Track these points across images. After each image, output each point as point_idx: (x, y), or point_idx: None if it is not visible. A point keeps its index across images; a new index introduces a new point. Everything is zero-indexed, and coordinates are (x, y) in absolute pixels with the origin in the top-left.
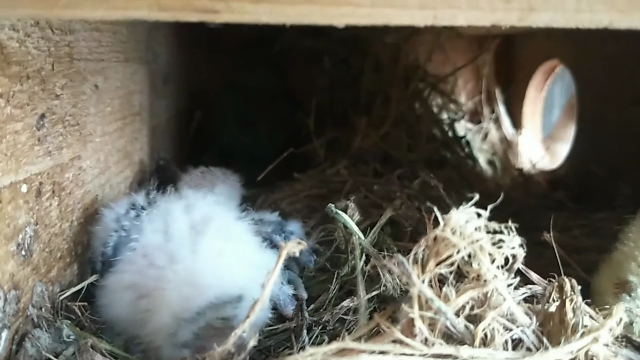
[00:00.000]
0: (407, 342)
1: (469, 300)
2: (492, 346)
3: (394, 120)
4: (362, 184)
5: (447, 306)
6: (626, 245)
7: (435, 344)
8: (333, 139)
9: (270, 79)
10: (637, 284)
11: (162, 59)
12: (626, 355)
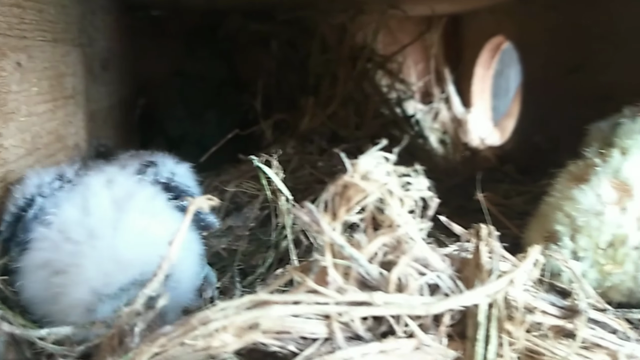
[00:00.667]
0: (321, 291)
1: (382, 246)
2: (407, 292)
3: (341, 100)
4: (307, 161)
5: (359, 253)
6: (552, 196)
7: (348, 291)
8: (281, 120)
9: (217, 65)
10: (564, 233)
11: (100, 44)
12: (548, 299)
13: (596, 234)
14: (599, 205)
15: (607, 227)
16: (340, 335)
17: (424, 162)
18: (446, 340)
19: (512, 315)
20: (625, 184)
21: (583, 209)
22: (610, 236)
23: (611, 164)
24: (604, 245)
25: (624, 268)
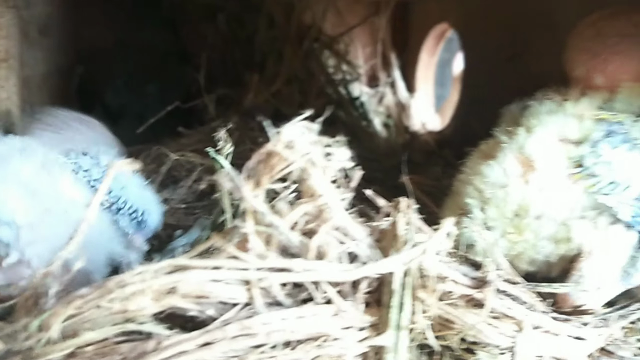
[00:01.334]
0: (241, 256)
1: (304, 215)
2: (327, 259)
3: (286, 78)
4: (249, 137)
5: (280, 220)
6: (464, 173)
7: (269, 257)
8: (226, 96)
9: (161, 36)
10: (474, 205)
11: (38, 8)
12: (460, 269)
13: (503, 205)
14: (504, 178)
15: (512, 198)
16: (260, 300)
17: (365, 144)
18: (363, 306)
19: (425, 284)
20: (528, 158)
21: (490, 182)
22: (516, 206)
23: (517, 140)
24: (510, 215)
25: (524, 237)
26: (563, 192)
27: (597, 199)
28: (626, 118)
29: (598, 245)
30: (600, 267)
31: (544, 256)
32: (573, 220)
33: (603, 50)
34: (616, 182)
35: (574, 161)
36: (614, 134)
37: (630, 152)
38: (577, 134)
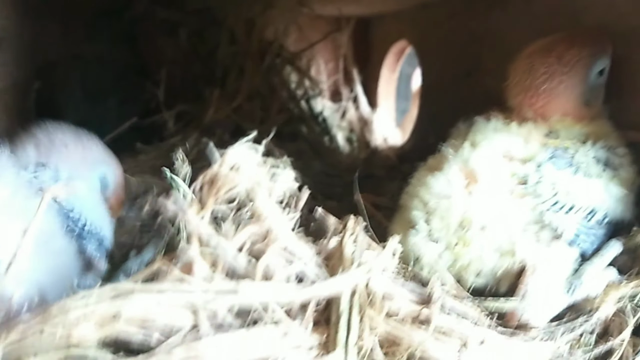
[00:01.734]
0: (187, 280)
1: (251, 236)
2: (274, 280)
3: (248, 93)
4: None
5: (227, 242)
6: (411, 186)
7: (215, 280)
8: (186, 111)
9: (120, 50)
10: (420, 217)
11: None
12: (408, 286)
13: (447, 216)
14: (448, 188)
15: (455, 208)
16: (207, 323)
17: (327, 159)
18: (312, 326)
19: (373, 303)
20: (472, 170)
21: (435, 192)
22: (460, 217)
23: (462, 154)
24: (455, 226)
25: (470, 248)
26: (506, 206)
27: (540, 216)
28: (572, 144)
29: (541, 259)
30: (544, 282)
31: (489, 268)
32: (516, 233)
33: (531, 86)
34: (560, 202)
35: (518, 178)
36: (558, 157)
37: (575, 174)
38: (522, 153)
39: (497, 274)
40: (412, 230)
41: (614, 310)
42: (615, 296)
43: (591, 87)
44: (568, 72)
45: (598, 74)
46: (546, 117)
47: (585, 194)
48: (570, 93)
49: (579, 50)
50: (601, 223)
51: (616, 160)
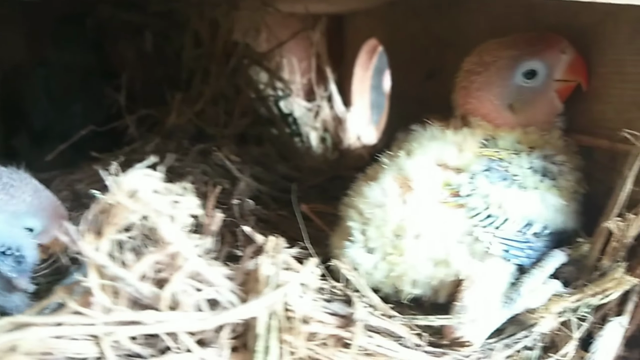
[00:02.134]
0: (85, 311)
1: (155, 264)
2: (182, 308)
3: (213, 96)
4: (163, 161)
5: (126, 272)
6: (348, 196)
7: (115, 311)
8: (150, 116)
9: (85, 56)
10: (356, 228)
11: None
12: (330, 307)
13: (382, 225)
14: (383, 197)
15: (390, 217)
16: (111, 354)
17: (294, 162)
18: (228, 352)
19: (292, 326)
20: (406, 179)
21: (370, 202)
22: (395, 226)
23: (397, 162)
24: (390, 235)
25: (405, 257)
26: (440, 215)
27: (473, 228)
28: (507, 155)
29: (477, 273)
30: (481, 296)
31: (425, 278)
32: (451, 244)
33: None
34: (493, 216)
35: (451, 189)
36: (493, 170)
37: (509, 187)
38: (455, 161)
39: (432, 284)
40: (348, 241)
41: (558, 324)
42: (557, 309)
43: (516, 91)
44: (483, 72)
45: (523, 76)
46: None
47: (519, 206)
48: (487, 94)
49: (497, 51)
50: (540, 235)
51: (554, 169)
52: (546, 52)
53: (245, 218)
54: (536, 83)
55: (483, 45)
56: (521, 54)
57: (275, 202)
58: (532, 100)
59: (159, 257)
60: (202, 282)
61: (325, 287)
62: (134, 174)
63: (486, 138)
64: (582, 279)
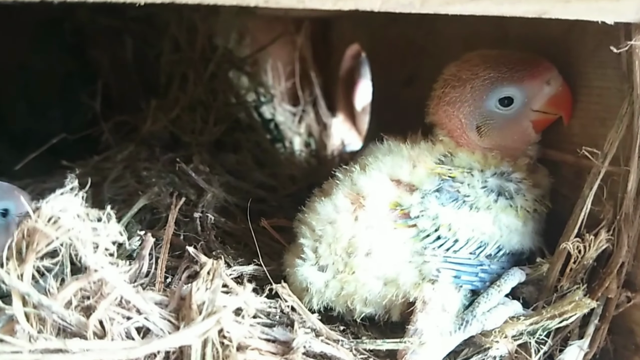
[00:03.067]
0: (9, 340)
1: (79, 291)
2: (109, 336)
3: (189, 103)
4: (133, 170)
5: (51, 299)
6: (302, 212)
7: (39, 339)
8: (126, 122)
9: (64, 60)
10: (307, 245)
11: None
12: (271, 334)
13: (333, 242)
14: (334, 213)
15: (341, 234)
16: None
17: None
18: None
19: (227, 354)
20: (359, 194)
21: (321, 218)
22: (346, 243)
23: (350, 177)
24: (341, 253)
25: (356, 275)
26: (391, 234)
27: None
28: (460, 174)
29: (428, 294)
30: (433, 319)
31: (375, 297)
32: (400, 263)
33: (435, 96)
34: (442, 238)
35: (401, 209)
36: (443, 190)
37: (459, 209)
38: (407, 177)
39: (383, 303)
40: (299, 260)
41: (515, 347)
42: (512, 332)
43: (486, 114)
44: (458, 87)
45: (498, 102)
46: (437, 128)
47: (470, 228)
48: (456, 111)
49: (476, 69)
50: (493, 257)
51: (511, 187)
52: (527, 81)
53: (207, 232)
54: (510, 111)
55: (467, 55)
56: (500, 78)
57: (244, 213)
58: (503, 127)
59: (83, 284)
60: (131, 309)
61: (273, 309)
62: (56, 198)
63: (444, 154)
64: (541, 300)
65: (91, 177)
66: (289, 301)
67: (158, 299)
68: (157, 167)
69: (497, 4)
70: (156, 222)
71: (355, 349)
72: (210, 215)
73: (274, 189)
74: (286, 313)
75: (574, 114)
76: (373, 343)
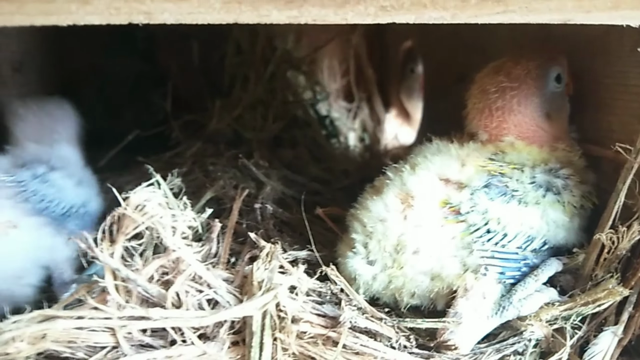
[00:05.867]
0: (101, 308)
1: (160, 268)
2: (184, 307)
3: (250, 102)
4: (200, 165)
5: (137, 274)
6: (355, 208)
7: (126, 307)
8: (194, 121)
9: (137, 65)
10: (358, 240)
11: (11, 47)
12: (321, 309)
13: (383, 239)
14: (385, 212)
15: (391, 232)
16: (126, 344)
17: (327, 163)
18: (227, 346)
19: (283, 325)
20: (408, 195)
21: (373, 216)
22: (395, 241)
23: (400, 177)
24: (390, 250)
25: (404, 271)
26: (439, 231)
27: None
28: (510, 170)
29: (470, 284)
30: (473, 305)
31: (422, 290)
32: (446, 259)
33: (484, 108)
34: (491, 231)
35: (450, 206)
36: (492, 186)
37: (507, 203)
38: (457, 176)
39: (430, 296)
40: (350, 252)
41: (551, 331)
42: (546, 317)
43: (550, 98)
44: (519, 86)
45: (555, 81)
46: (501, 138)
47: (518, 222)
48: (525, 107)
49: (526, 64)
50: (538, 251)
51: (559, 183)
52: (559, 57)
53: (266, 221)
54: (562, 87)
55: (493, 65)
56: (545, 61)
57: (299, 205)
58: (561, 105)
59: (163, 262)
60: (202, 284)
61: (324, 289)
62: (141, 190)
63: (495, 153)
64: (577, 288)
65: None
66: (338, 283)
67: (225, 276)
68: (222, 162)
69: (523, 15)
70: (222, 211)
71: (398, 327)
72: (269, 206)
73: (328, 183)
74: (335, 293)
75: (613, 111)
76: (414, 322)
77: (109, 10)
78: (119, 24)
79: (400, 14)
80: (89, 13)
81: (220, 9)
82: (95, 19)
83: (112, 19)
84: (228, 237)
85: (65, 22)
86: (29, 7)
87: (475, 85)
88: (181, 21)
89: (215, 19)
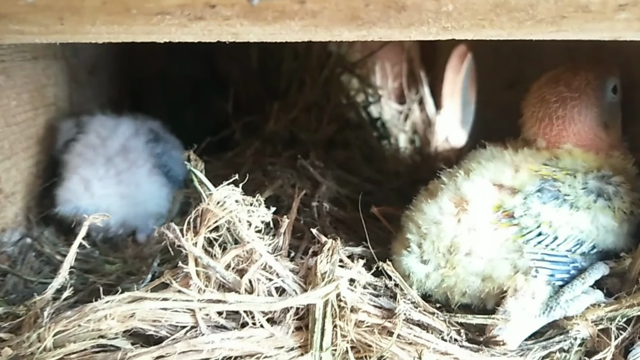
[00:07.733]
0: (184, 291)
1: (236, 257)
2: (256, 293)
3: (306, 104)
4: (260, 165)
5: (216, 262)
6: (409, 209)
7: (206, 291)
8: (252, 123)
9: (198, 67)
10: (413, 240)
11: (87, 52)
12: (378, 301)
13: (437, 241)
14: (439, 215)
15: (445, 234)
16: (204, 324)
17: (379, 165)
18: (293, 330)
19: (343, 314)
20: (463, 199)
21: (427, 218)
22: (448, 242)
23: (455, 182)
24: (444, 251)
25: (456, 271)
26: (491, 235)
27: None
28: (563, 175)
29: (520, 285)
30: (522, 304)
31: (473, 290)
32: (498, 260)
33: (545, 116)
34: (543, 234)
35: (504, 210)
36: (544, 190)
37: (560, 207)
38: (510, 182)
39: (480, 296)
40: (405, 251)
41: (596, 331)
42: (591, 317)
43: (607, 108)
44: (579, 96)
45: (612, 92)
46: (560, 145)
47: (569, 225)
48: (585, 117)
49: (585, 75)
50: (587, 255)
51: (610, 190)
52: (614, 68)
53: (322, 219)
54: (617, 97)
55: (551, 75)
56: (603, 73)
57: (353, 204)
58: (617, 115)
59: (239, 252)
60: (272, 273)
61: (379, 283)
62: (222, 188)
63: (549, 158)
64: (623, 291)
65: (225, 170)
66: (393, 278)
67: (291, 267)
68: (280, 162)
69: (575, 33)
70: (280, 209)
71: (449, 321)
72: (325, 204)
73: (380, 183)
74: (390, 288)
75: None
76: (465, 317)
77: (203, 32)
78: (208, 41)
79: (460, 33)
80: (185, 34)
81: (299, 30)
82: (189, 38)
83: (204, 38)
84: (288, 232)
85: (162, 40)
86: (136, 29)
87: (533, 94)
88: (263, 40)
89: (293, 39)
